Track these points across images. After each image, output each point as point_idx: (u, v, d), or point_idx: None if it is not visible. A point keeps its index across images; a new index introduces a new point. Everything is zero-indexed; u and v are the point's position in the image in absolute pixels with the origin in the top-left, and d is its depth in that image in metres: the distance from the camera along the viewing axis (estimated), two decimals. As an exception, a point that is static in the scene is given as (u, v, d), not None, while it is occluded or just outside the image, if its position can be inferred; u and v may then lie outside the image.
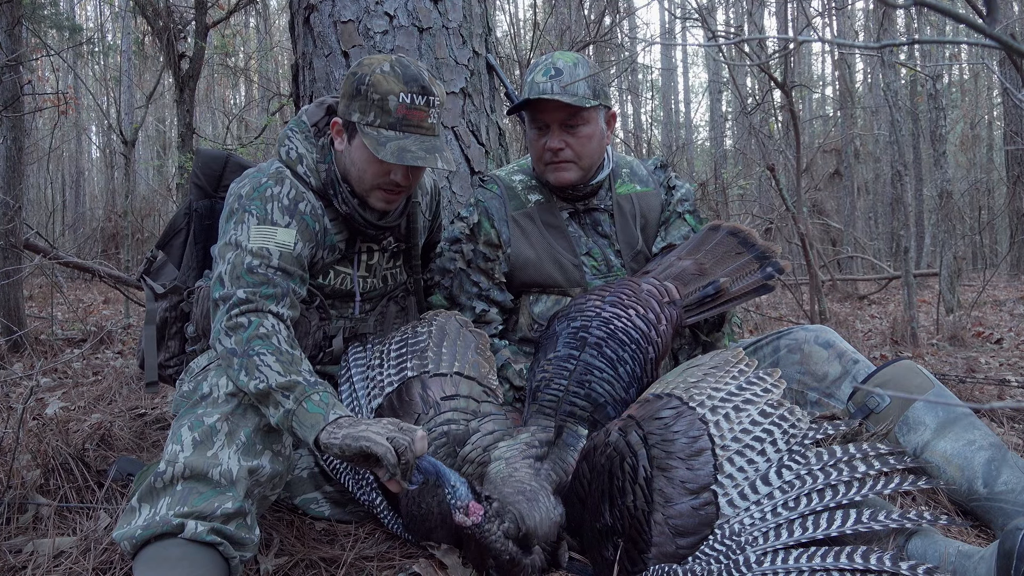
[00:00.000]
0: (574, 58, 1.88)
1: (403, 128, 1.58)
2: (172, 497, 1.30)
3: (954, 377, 2.74)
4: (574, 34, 7.21)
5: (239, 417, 1.41)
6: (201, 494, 1.30)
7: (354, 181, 1.67)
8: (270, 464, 1.41)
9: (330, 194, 1.69)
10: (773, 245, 1.85)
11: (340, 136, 1.67)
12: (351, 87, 1.62)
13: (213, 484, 1.31)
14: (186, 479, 1.31)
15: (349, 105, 1.62)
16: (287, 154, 1.69)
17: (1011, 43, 0.70)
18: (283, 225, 1.60)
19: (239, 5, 6.33)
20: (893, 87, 5.00)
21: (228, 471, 1.33)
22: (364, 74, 1.60)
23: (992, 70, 2.96)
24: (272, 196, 1.61)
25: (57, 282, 5.40)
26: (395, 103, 1.58)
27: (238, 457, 1.35)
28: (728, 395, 1.46)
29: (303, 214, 1.64)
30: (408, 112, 1.58)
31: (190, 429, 1.37)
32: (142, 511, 1.30)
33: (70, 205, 12.75)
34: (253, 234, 1.56)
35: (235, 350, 1.44)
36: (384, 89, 1.58)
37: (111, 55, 12.78)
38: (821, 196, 10.56)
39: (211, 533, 1.27)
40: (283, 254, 1.57)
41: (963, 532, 1.57)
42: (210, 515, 1.28)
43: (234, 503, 1.31)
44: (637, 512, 1.33)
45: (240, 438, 1.38)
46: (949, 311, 5.17)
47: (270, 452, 1.42)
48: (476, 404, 1.65)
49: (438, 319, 1.81)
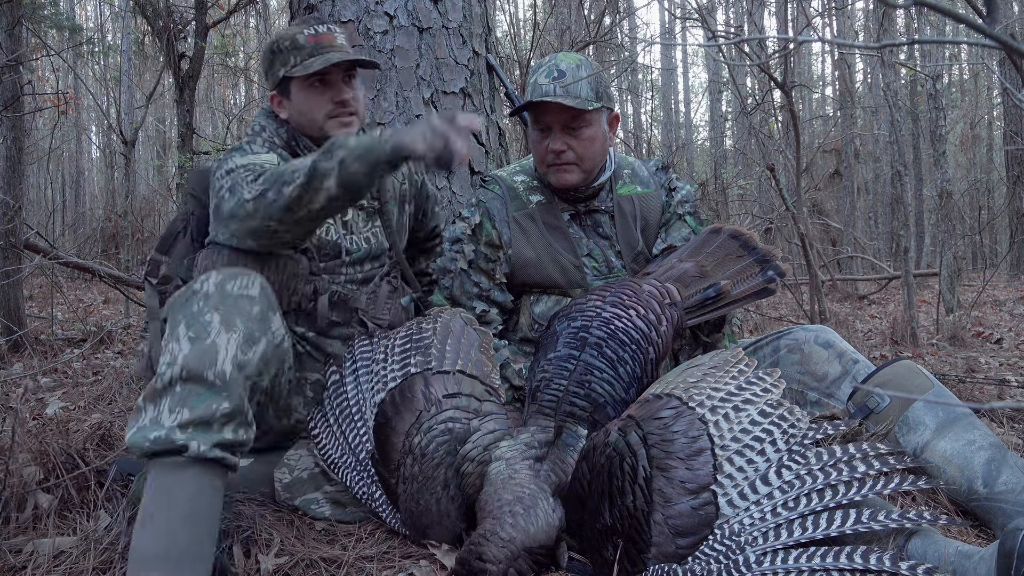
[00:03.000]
0: (577, 59, 1.88)
1: (319, 52, 1.80)
2: (172, 399, 1.35)
3: (954, 377, 2.74)
4: (574, 34, 7.21)
5: (231, 305, 1.44)
6: (199, 395, 1.35)
7: (308, 126, 1.85)
8: (261, 351, 1.46)
9: (293, 146, 1.88)
10: (774, 249, 1.85)
11: (280, 104, 1.88)
12: (267, 58, 1.87)
13: (208, 384, 1.36)
14: (184, 380, 1.36)
15: (272, 71, 1.85)
16: (252, 129, 1.92)
17: (1011, 43, 0.70)
18: (264, 152, 1.78)
19: (239, 5, 6.33)
20: (893, 87, 5.00)
21: (222, 372, 1.37)
22: (270, 42, 1.87)
23: (992, 70, 2.97)
24: (249, 146, 1.81)
25: (57, 282, 5.40)
26: (303, 38, 1.81)
27: (235, 349, 1.40)
28: (728, 395, 1.46)
29: (280, 154, 1.83)
30: (317, 39, 1.81)
31: (186, 326, 1.41)
32: (147, 411, 1.37)
33: (70, 205, 12.76)
34: (240, 159, 1.70)
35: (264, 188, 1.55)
36: (290, 34, 1.83)
37: (111, 55, 12.77)
38: (821, 196, 10.55)
39: (214, 448, 1.34)
40: (273, 165, 1.69)
41: (963, 532, 1.57)
42: (210, 419, 1.34)
43: (230, 403, 1.37)
44: (637, 512, 1.33)
45: (237, 326, 1.42)
46: (949, 311, 5.17)
47: (265, 340, 1.47)
48: (478, 403, 1.65)
49: (443, 316, 1.82)
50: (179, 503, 1.31)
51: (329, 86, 1.83)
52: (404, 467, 1.57)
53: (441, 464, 1.56)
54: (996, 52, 3.59)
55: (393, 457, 1.59)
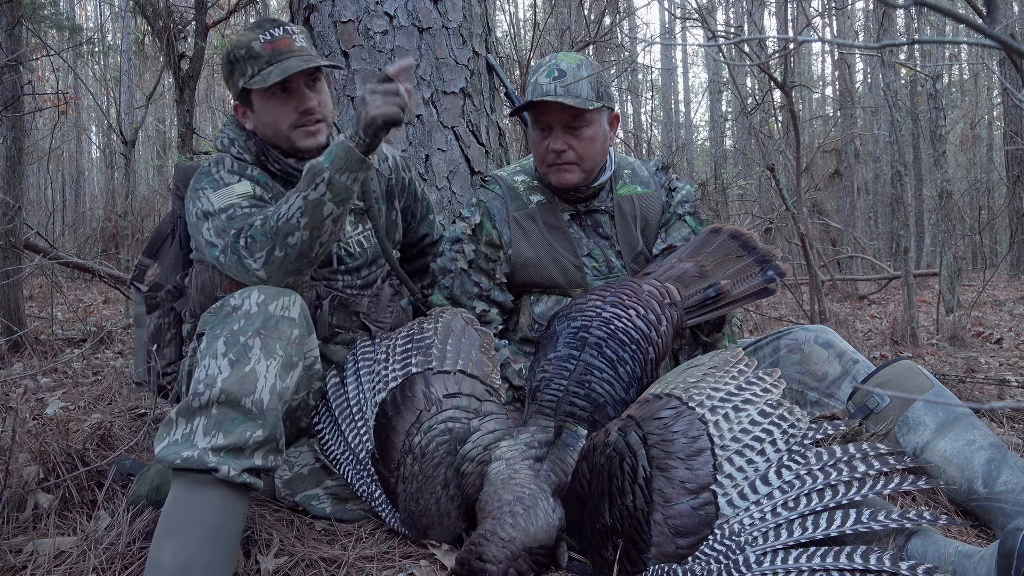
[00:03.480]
0: (577, 59, 1.88)
1: (277, 60, 1.69)
2: (208, 420, 1.37)
3: (954, 377, 2.74)
4: (574, 34, 7.21)
5: (272, 329, 1.45)
6: (234, 420, 1.37)
7: (274, 136, 1.76)
8: (297, 376, 1.48)
9: (263, 161, 1.79)
10: (774, 249, 1.85)
11: (244, 115, 1.79)
12: (226, 67, 1.75)
13: (245, 412, 1.38)
14: (220, 404, 1.37)
15: (231, 81, 1.74)
16: (221, 143, 1.82)
17: (1011, 43, 0.70)
18: (235, 182, 1.71)
19: (239, 5, 6.33)
20: (893, 87, 5.00)
21: (260, 400, 1.39)
22: (227, 50, 1.75)
23: (992, 70, 2.97)
24: (216, 170, 1.74)
25: (57, 282, 5.40)
26: (259, 45, 1.69)
27: (274, 377, 1.41)
28: (727, 395, 1.46)
29: (252, 176, 1.75)
30: (273, 45, 1.70)
31: (226, 344, 1.41)
32: (179, 425, 1.38)
33: (70, 205, 12.75)
34: (214, 199, 1.66)
35: (267, 250, 1.54)
36: (244, 42, 1.70)
37: (111, 55, 12.77)
38: (821, 196, 10.55)
39: (243, 473, 1.36)
40: (248, 197, 1.67)
41: (963, 532, 1.57)
42: (243, 446, 1.36)
43: (264, 431, 1.38)
44: (636, 512, 1.33)
45: (277, 352, 1.43)
46: (949, 311, 5.17)
47: (301, 364, 1.49)
48: (478, 403, 1.65)
49: (444, 316, 1.82)
50: (202, 521, 1.33)
51: (292, 94, 1.71)
52: (404, 466, 1.57)
53: (441, 464, 1.56)
54: (996, 52, 3.59)
55: (393, 456, 1.59)
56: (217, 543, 1.33)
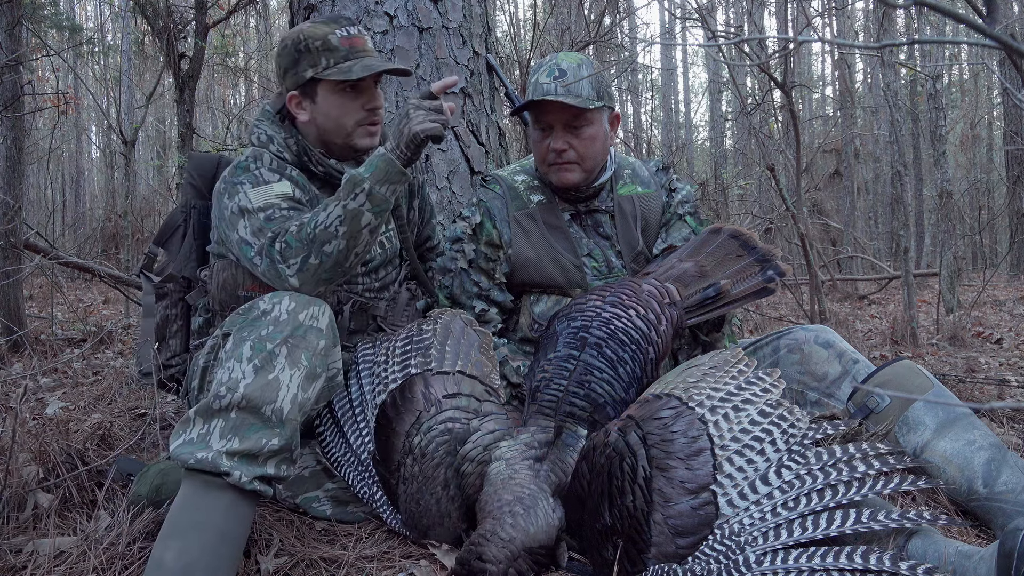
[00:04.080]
0: (578, 59, 1.88)
1: (353, 56, 1.71)
2: (225, 423, 1.36)
3: (954, 377, 2.74)
4: (574, 34, 7.21)
5: (300, 338, 1.44)
6: (251, 426, 1.37)
7: (333, 134, 1.76)
8: (319, 387, 1.48)
9: (305, 161, 1.78)
10: (774, 248, 1.85)
11: (300, 105, 1.76)
12: (290, 55, 1.72)
13: (264, 419, 1.37)
14: (240, 408, 1.37)
15: (297, 70, 1.72)
16: (258, 138, 1.79)
17: (1011, 43, 0.70)
18: (275, 181, 1.69)
19: (239, 5, 6.33)
20: (893, 87, 5.00)
21: (280, 410, 1.38)
22: (295, 38, 1.71)
23: (992, 70, 2.97)
24: (256, 166, 1.72)
25: (57, 282, 5.40)
26: (336, 39, 1.70)
27: (296, 388, 1.40)
28: (727, 395, 1.46)
29: (291, 177, 1.73)
30: (351, 41, 1.71)
31: (252, 348, 1.41)
32: (196, 425, 1.38)
33: (70, 205, 12.75)
34: (253, 196, 1.64)
35: (303, 258, 1.53)
36: (320, 34, 1.70)
37: (111, 55, 12.77)
38: (821, 196, 10.55)
39: (255, 481, 1.36)
40: (287, 199, 1.65)
41: (963, 532, 1.57)
42: (257, 453, 1.36)
43: (280, 440, 1.38)
44: (636, 512, 1.33)
45: (302, 362, 1.42)
46: (949, 311, 5.17)
47: (324, 376, 1.49)
48: (478, 403, 1.65)
49: (443, 317, 1.82)
50: (208, 524, 1.33)
51: (361, 92, 1.74)
52: (404, 467, 1.57)
53: (441, 464, 1.56)
54: (996, 52, 3.60)
55: (394, 457, 1.59)
56: (222, 548, 1.32)
